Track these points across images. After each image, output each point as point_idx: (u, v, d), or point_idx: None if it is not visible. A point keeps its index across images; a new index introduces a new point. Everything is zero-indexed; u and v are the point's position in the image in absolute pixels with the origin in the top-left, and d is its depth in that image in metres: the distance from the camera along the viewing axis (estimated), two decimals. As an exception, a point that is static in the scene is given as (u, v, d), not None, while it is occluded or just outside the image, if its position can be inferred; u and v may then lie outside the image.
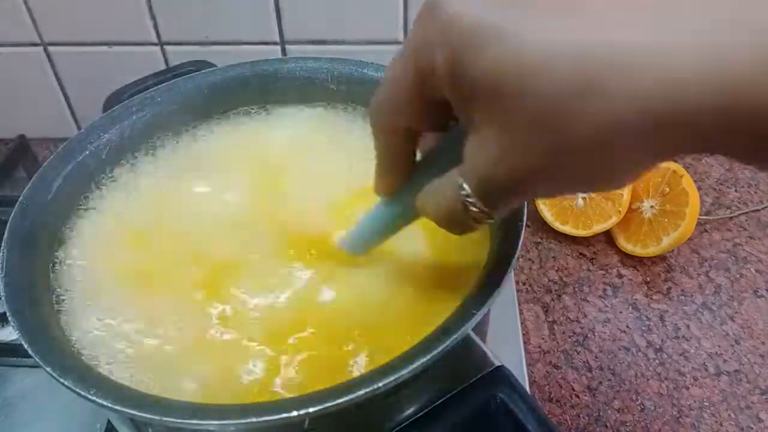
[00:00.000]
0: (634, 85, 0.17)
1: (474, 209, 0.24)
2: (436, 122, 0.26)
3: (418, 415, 0.30)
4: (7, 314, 0.31)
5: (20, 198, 0.37)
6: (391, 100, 0.25)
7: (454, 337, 0.28)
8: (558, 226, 0.60)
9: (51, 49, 0.68)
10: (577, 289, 0.57)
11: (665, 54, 0.17)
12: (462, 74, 0.20)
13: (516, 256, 0.32)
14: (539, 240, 0.61)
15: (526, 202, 0.34)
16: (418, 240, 0.38)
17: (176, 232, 0.40)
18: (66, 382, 0.28)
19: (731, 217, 0.63)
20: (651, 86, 0.17)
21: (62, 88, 0.71)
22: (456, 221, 0.25)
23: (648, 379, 0.49)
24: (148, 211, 0.41)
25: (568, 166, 0.20)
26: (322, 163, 0.44)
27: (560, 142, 0.19)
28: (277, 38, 0.66)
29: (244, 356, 0.33)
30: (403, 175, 0.29)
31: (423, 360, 0.27)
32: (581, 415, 0.47)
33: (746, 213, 0.63)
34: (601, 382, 0.49)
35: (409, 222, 0.32)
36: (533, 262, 0.59)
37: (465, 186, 0.23)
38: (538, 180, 0.21)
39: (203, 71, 0.47)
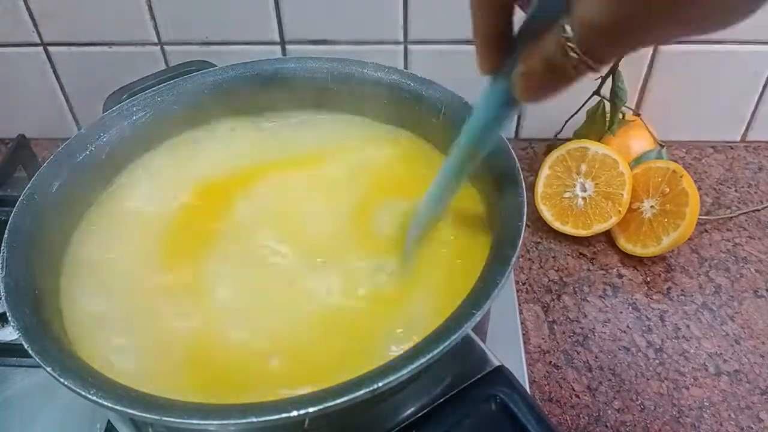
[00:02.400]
0: None
1: (574, 55, 0.23)
2: None
3: (418, 415, 0.30)
4: (7, 314, 0.31)
5: (20, 198, 0.37)
6: None
7: (454, 337, 0.28)
8: (558, 226, 0.60)
9: (51, 49, 0.68)
10: (577, 289, 0.57)
11: None
12: None
13: (516, 256, 0.32)
14: (539, 240, 0.61)
15: (526, 203, 0.34)
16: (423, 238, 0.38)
17: (180, 233, 0.40)
18: (66, 382, 0.28)
19: (731, 217, 0.63)
20: None
21: (62, 88, 0.71)
22: (556, 68, 0.24)
23: (648, 379, 0.49)
24: (150, 211, 0.41)
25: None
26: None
27: None
28: (277, 38, 0.66)
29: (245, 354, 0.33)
30: (503, 46, 0.27)
31: (423, 360, 0.27)
32: (581, 415, 0.47)
33: (746, 213, 0.63)
34: (601, 382, 0.49)
35: (512, 107, 0.30)
36: (533, 262, 0.59)
37: (567, 29, 0.22)
38: (647, 18, 0.20)
39: (203, 71, 0.47)
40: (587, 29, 0.21)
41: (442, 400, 0.30)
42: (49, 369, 0.28)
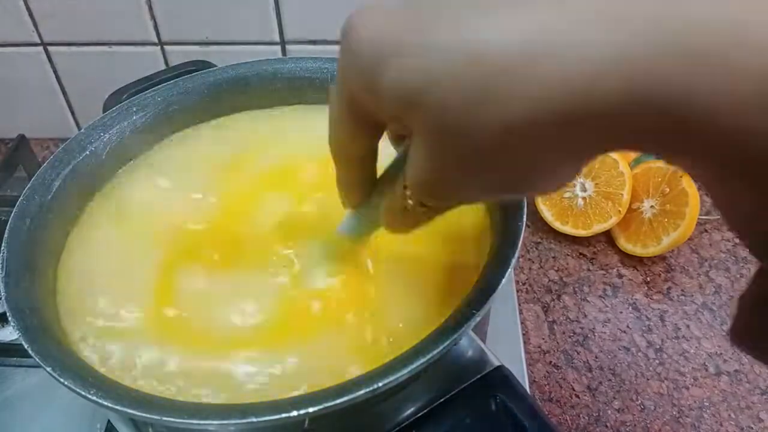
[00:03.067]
0: (524, 88, 0.17)
1: (411, 203, 0.25)
2: (383, 139, 0.27)
3: (418, 415, 0.30)
4: (7, 314, 0.31)
5: (20, 198, 0.37)
6: (335, 132, 0.27)
7: (454, 337, 0.28)
8: (558, 226, 0.60)
9: (51, 49, 0.68)
10: (577, 289, 0.57)
11: (552, 55, 0.17)
12: (376, 94, 0.21)
13: (516, 256, 0.32)
14: (539, 240, 0.61)
15: (526, 203, 0.35)
16: (419, 240, 0.38)
17: (178, 232, 0.40)
18: (66, 382, 0.28)
19: (731, 217, 0.63)
20: (540, 88, 0.17)
21: (62, 88, 0.71)
22: (404, 219, 0.27)
23: (648, 379, 0.49)
24: (149, 210, 0.41)
25: (483, 170, 0.21)
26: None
27: (465, 147, 0.20)
28: (277, 38, 0.66)
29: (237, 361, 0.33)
30: (363, 191, 0.30)
31: (423, 360, 0.27)
32: (581, 415, 0.47)
33: (746, 213, 0.63)
34: (601, 382, 0.49)
35: (375, 229, 0.33)
36: (533, 262, 0.59)
37: (406, 188, 0.25)
38: (458, 183, 0.22)
39: (203, 71, 0.47)
40: (413, 186, 0.24)
41: (442, 400, 0.30)
42: (49, 369, 0.28)
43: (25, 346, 0.29)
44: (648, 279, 0.57)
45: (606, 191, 0.58)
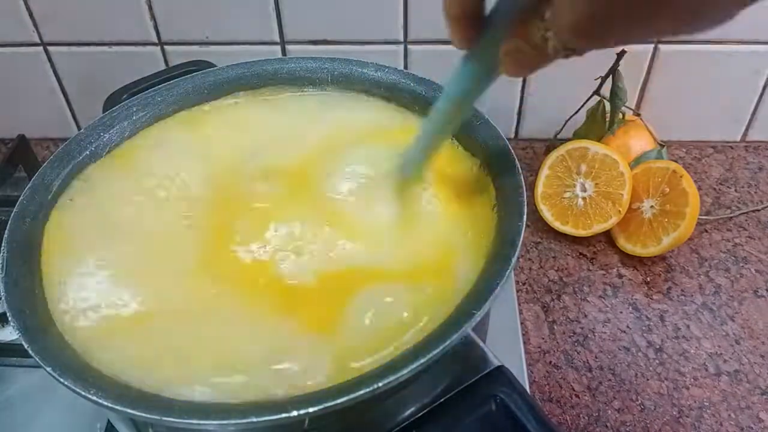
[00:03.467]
0: None
1: (553, 45, 0.25)
2: None
3: (418, 415, 0.30)
4: (7, 314, 0.31)
5: (20, 198, 0.37)
6: None
7: (454, 337, 0.28)
8: (558, 226, 0.60)
9: (51, 49, 0.68)
10: (577, 289, 0.57)
11: None
12: None
13: (516, 256, 0.32)
14: (539, 240, 0.61)
15: (526, 203, 0.35)
16: (419, 238, 0.38)
17: (176, 230, 0.40)
18: (66, 382, 0.28)
19: (731, 217, 0.63)
20: None
21: (62, 88, 0.71)
22: (531, 62, 0.27)
23: (648, 379, 0.50)
24: (148, 208, 0.41)
25: (648, 3, 0.20)
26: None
27: None
28: (277, 38, 0.66)
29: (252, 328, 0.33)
30: (476, 26, 0.28)
31: (423, 360, 0.27)
32: (581, 415, 0.47)
33: (746, 213, 0.63)
34: (601, 382, 0.49)
35: (492, 75, 0.31)
36: (533, 262, 0.59)
37: (547, 19, 0.24)
38: (619, 22, 0.21)
39: (203, 71, 0.47)
40: (564, 28, 0.23)
41: (442, 400, 0.30)
42: (49, 369, 0.28)
43: (25, 346, 0.29)
44: (648, 279, 0.57)
45: (606, 191, 0.58)
